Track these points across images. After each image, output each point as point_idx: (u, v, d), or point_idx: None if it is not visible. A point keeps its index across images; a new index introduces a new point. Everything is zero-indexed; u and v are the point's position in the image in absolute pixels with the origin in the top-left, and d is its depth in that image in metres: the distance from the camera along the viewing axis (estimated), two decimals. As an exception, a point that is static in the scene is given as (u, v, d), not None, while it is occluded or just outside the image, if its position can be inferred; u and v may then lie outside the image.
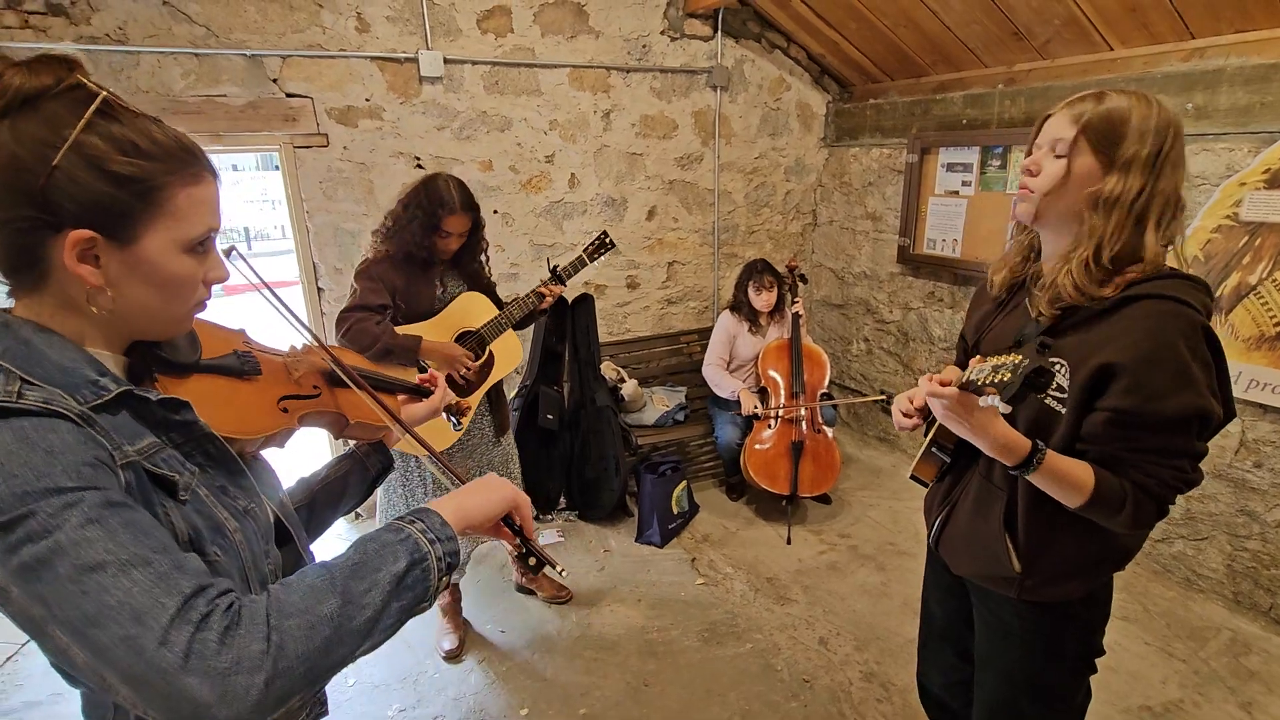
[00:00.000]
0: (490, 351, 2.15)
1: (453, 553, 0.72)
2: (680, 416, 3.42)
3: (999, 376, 0.92)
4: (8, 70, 0.60)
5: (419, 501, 2.18)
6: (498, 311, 2.14)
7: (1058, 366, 1.06)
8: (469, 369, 2.05)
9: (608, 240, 2.40)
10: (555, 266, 2.30)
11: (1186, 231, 2.40)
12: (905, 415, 1.27)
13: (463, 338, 2.11)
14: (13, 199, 0.60)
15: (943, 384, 1.02)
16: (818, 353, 3.17)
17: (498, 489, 0.81)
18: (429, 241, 2.00)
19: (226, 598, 0.57)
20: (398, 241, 2.00)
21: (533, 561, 0.85)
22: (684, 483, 3.05)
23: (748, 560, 2.82)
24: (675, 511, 3.00)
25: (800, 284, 3.25)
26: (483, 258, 2.20)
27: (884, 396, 3.51)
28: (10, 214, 0.60)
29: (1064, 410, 1.06)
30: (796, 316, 3.14)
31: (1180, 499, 1.10)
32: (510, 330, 2.16)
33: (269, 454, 0.92)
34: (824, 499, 3.25)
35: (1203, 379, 0.97)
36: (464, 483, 0.90)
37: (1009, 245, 1.26)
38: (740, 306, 3.23)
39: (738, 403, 3.12)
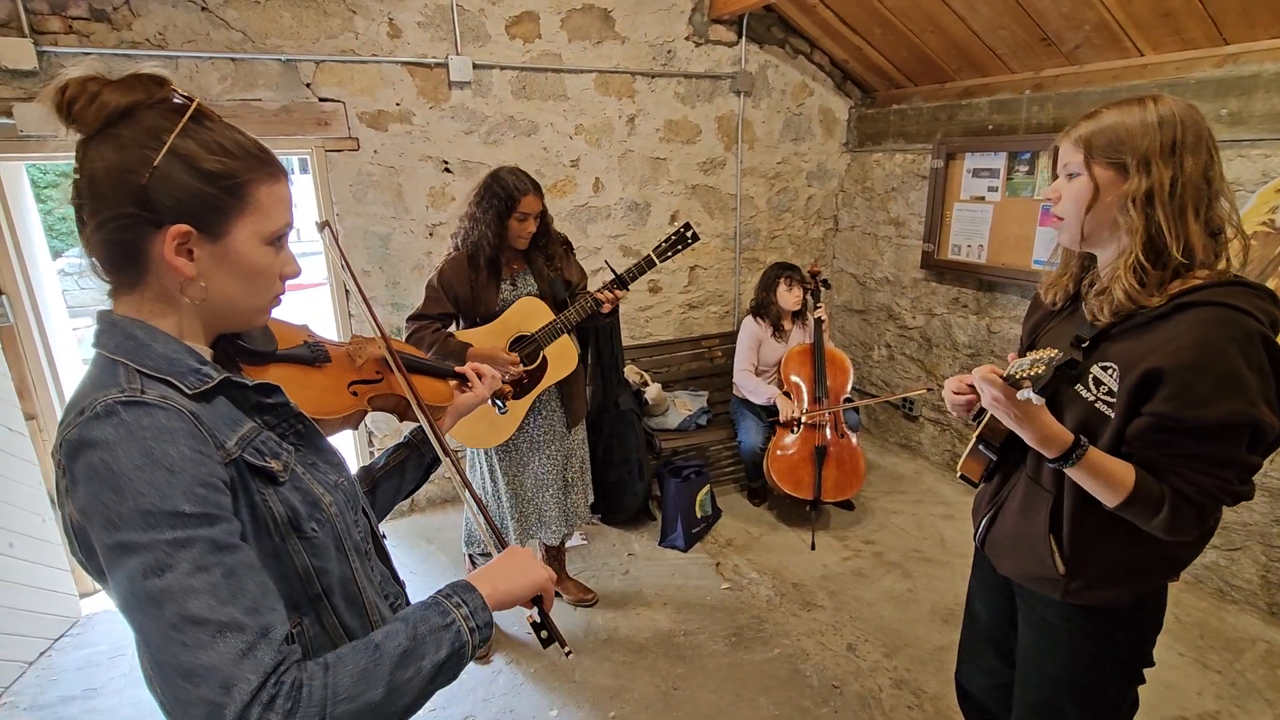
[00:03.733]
0: (544, 356, 2.16)
1: (487, 631, 0.76)
2: (703, 420, 3.43)
3: (1034, 370, 0.95)
4: (105, 89, 0.66)
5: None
6: (553, 317, 2.13)
7: (1110, 370, 1.06)
8: (514, 374, 2.07)
9: (689, 234, 2.21)
10: (616, 271, 2.23)
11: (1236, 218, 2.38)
12: (957, 393, 1.27)
13: (517, 342, 2.13)
14: (117, 198, 0.66)
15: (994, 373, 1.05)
16: (841, 358, 3.17)
17: (535, 573, 0.84)
18: (504, 229, 2.05)
19: (291, 673, 0.61)
20: (473, 236, 2.06)
21: (544, 635, 0.88)
22: (707, 487, 3.04)
23: (772, 565, 2.81)
24: (699, 516, 3.00)
25: (823, 289, 3.25)
26: (557, 253, 2.22)
27: (927, 389, 3.48)
28: (115, 211, 0.66)
29: (1113, 415, 1.06)
30: (819, 321, 3.13)
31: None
32: (566, 336, 2.16)
33: (336, 442, 0.96)
34: (847, 505, 3.23)
35: (1257, 387, 0.95)
36: (465, 479, 0.97)
37: (1055, 265, 1.26)
38: (763, 309, 3.23)
39: (766, 408, 3.12)
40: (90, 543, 0.63)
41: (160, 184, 0.66)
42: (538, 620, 0.87)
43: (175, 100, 0.70)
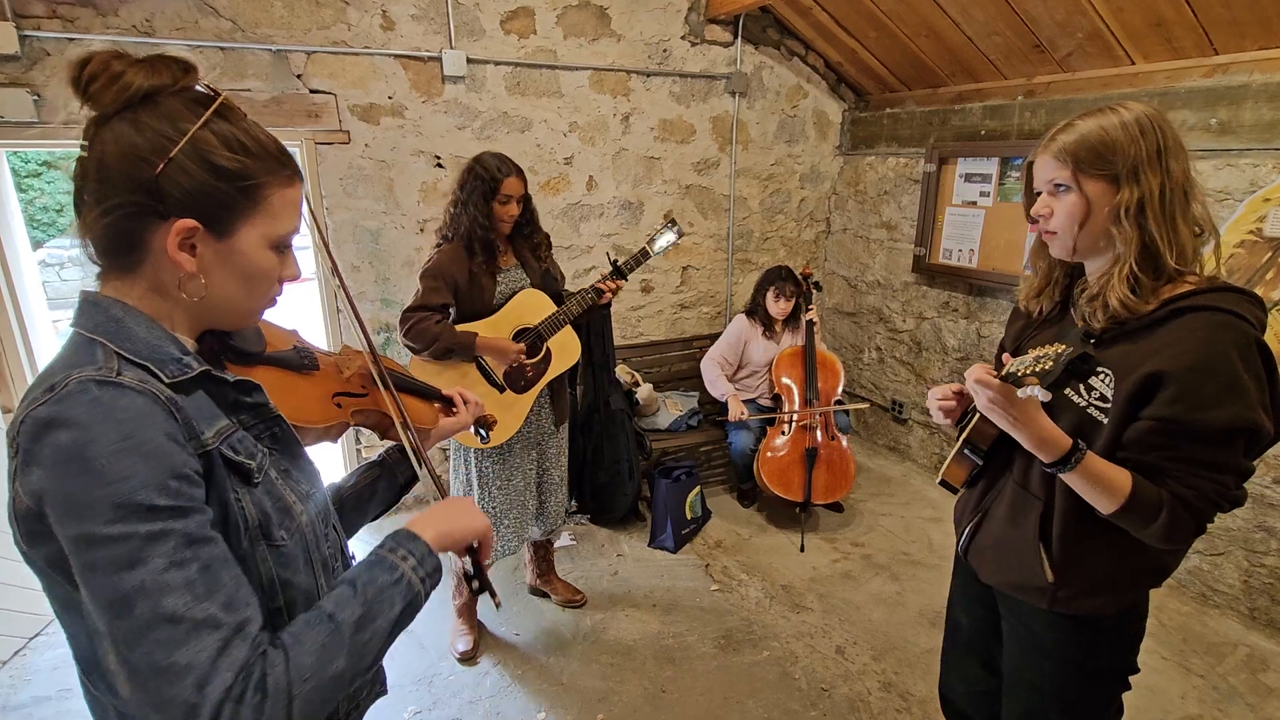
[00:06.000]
0: (547, 348, 2.15)
1: (436, 576, 0.76)
2: (694, 421, 3.42)
3: (1040, 366, 0.93)
4: (129, 69, 0.63)
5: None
6: (555, 308, 2.12)
7: (1104, 376, 1.05)
8: (522, 364, 2.05)
9: (676, 228, 2.29)
10: (616, 260, 2.23)
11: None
12: (943, 399, 1.26)
13: (520, 335, 2.11)
14: (127, 185, 0.63)
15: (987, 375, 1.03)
16: (832, 360, 3.17)
17: (475, 518, 0.84)
18: (489, 212, 2.01)
19: (258, 666, 0.60)
20: (462, 224, 2.02)
21: (476, 585, 0.88)
22: (698, 488, 3.03)
23: (762, 567, 2.81)
24: (689, 517, 2.99)
25: (815, 292, 3.25)
26: (542, 244, 2.20)
27: (867, 404, 3.47)
28: (122, 199, 0.63)
29: (1106, 421, 1.05)
30: (810, 324, 3.14)
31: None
32: (568, 327, 2.15)
33: (314, 454, 0.93)
34: (836, 507, 3.24)
35: (1254, 392, 0.95)
36: (443, 494, 0.95)
37: (1029, 271, 1.25)
38: (757, 311, 3.23)
39: (756, 407, 3.12)
40: (42, 529, 0.59)
41: (173, 176, 0.63)
42: (470, 571, 0.87)
43: (199, 90, 0.67)
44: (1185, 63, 2.38)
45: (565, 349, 2.18)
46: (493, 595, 0.88)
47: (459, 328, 2.03)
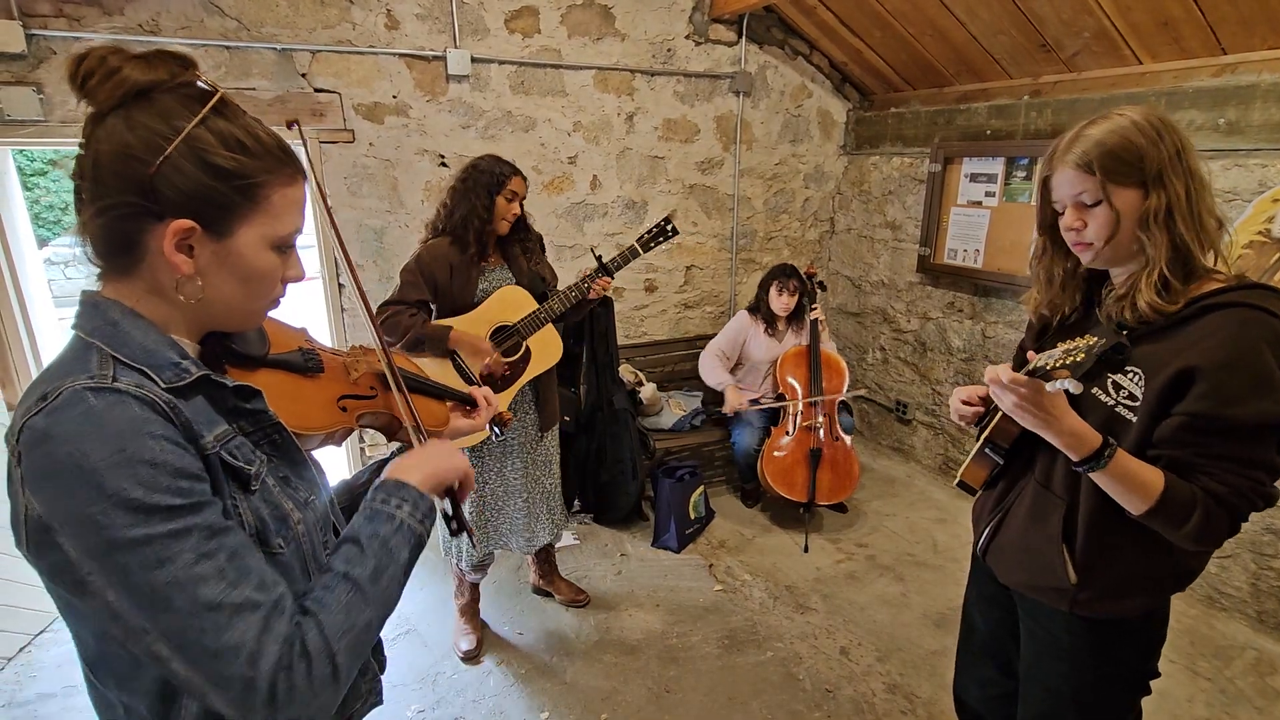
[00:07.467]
0: (526, 347, 2.11)
1: (432, 515, 0.80)
2: (697, 421, 3.41)
3: (1071, 359, 0.91)
4: (125, 64, 0.62)
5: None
6: (536, 306, 2.08)
7: (1132, 375, 1.04)
8: (496, 364, 2.03)
9: (670, 227, 2.20)
10: (601, 258, 2.18)
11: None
12: (966, 404, 1.24)
13: (498, 332, 2.07)
14: (121, 185, 0.62)
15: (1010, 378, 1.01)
16: (837, 360, 3.16)
17: (455, 458, 0.86)
18: (490, 205, 1.99)
19: (295, 634, 0.64)
20: (457, 215, 2.00)
21: (454, 525, 0.89)
22: (701, 488, 3.03)
23: (765, 568, 2.80)
24: (692, 517, 2.98)
25: (819, 291, 3.24)
26: (534, 248, 2.18)
27: (863, 390, 3.41)
28: (117, 200, 0.62)
29: (1135, 419, 1.03)
30: (815, 323, 3.13)
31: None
32: (550, 326, 2.11)
33: (320, 453, 0.92)
34: (840, 508, 3.23)
35: None
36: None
37: (1036, 277, 1.22)
38: (759, 308, 3.22)
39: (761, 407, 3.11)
40: (48, 540, 0.59)
41: (168, 176, 0.62)
42: (449, 512, 0.88)
43: (198, 86, 0.65)
44: (1193, 62, 2.37)
45: (546, 348, 2.13)
46: (470, 535, 0.91)
47: (435, 322, 2.01)
